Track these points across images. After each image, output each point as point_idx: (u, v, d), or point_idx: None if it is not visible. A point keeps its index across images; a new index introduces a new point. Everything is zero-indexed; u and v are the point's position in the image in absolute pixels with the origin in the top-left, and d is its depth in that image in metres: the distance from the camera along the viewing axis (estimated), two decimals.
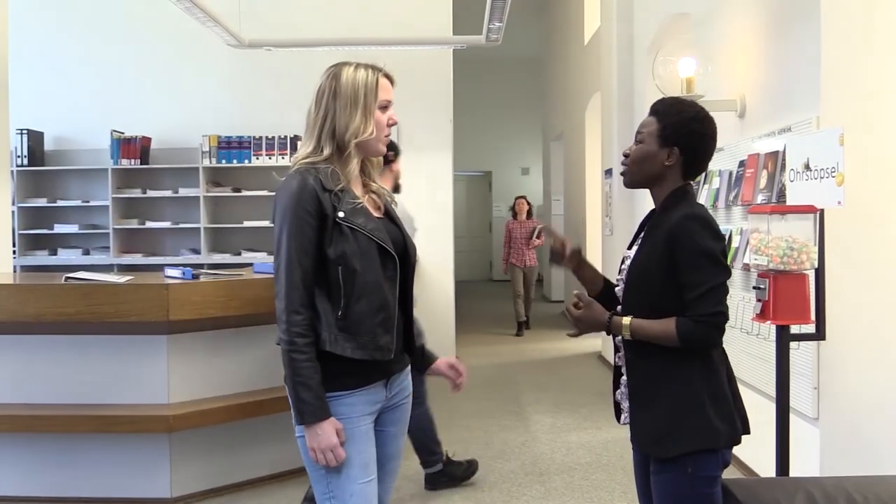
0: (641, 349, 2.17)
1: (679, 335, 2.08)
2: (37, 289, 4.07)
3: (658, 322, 2.12)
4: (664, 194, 2.23)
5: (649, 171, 2.23)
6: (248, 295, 4.15)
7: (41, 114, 7.61)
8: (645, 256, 2.20)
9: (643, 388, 2.19)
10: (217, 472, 4.23)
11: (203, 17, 5.96)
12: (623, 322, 2.16)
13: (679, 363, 2.13)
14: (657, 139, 2.21)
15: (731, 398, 2.17)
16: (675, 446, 2.11)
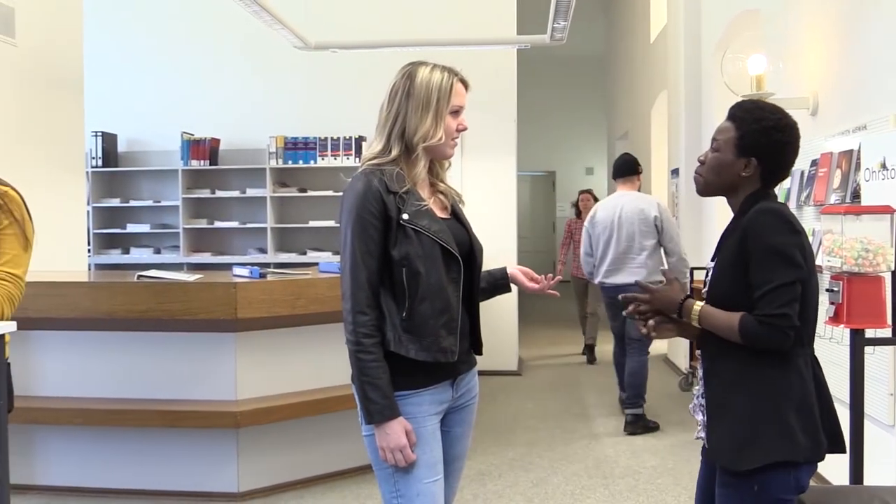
0: (718, 356, 2.08)
1: (740, 331, 1.98)
2: (110, 287, 4.19)
3: (726, 313, 2.03)
4: (739, 202, 2.13)
5: (724, 180, 2.13)
6: (313, 294, 4.20)
7: (115, 116, 7.83)
8: (722, 265, 2.11)
9: (719, 397, 2.08)
10: (283, 468, 4.29)
11: (270, 20, 6.05)
12: (694, 307, 2.09)
13: (757, 369, 2.01)
14: (734, 148, 2.09)
15: (817, 410, 2.02)
16: (749, 458, 1.98)
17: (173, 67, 7.89)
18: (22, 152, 4.82)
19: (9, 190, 2.31)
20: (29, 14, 4.92)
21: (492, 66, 7.26)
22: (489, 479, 4.49)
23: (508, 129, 7.58)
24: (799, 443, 1.97)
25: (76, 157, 5.61)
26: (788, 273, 1.97)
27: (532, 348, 8.67)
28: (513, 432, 5.48)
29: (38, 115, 5.06)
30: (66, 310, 4.07)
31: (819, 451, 2.02)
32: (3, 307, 2.20)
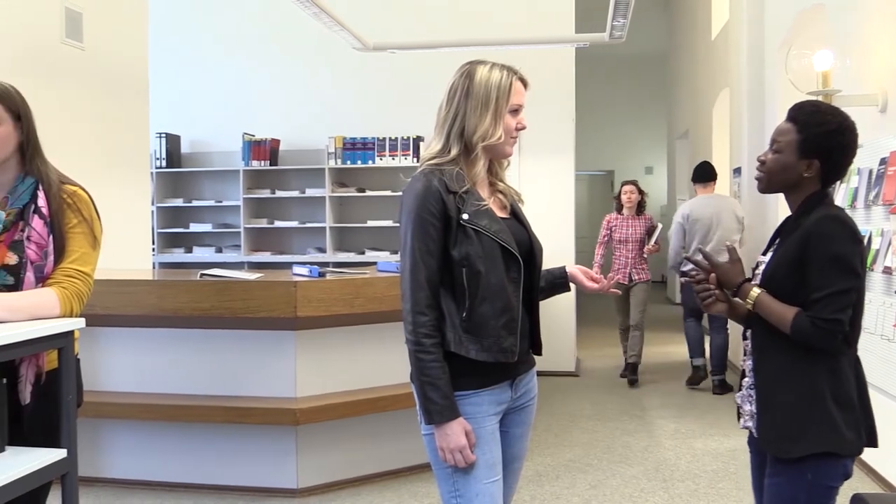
0: (768, 349, 2.14)
1: (792, 327, 2.06)
2: (174, 285, 4.28)
3: (782, 305, 2.09)
4: (800, 200, 2.18)
5: (786, 181, 2.19)
6: (371, 293, 4.23)
7: (178, 118, 7.99)
8: (779, 261, 2.15)
9: (767, 388, 2.15)
10: (341, 466, 4.33)
11: (330, 22, 6.11)
12: (752, 290, 2.15)
13: (806, 365, 2.09)
14: (796, 150, 2.14)
15: (858, 407, 2.11)
16: (798, 446, 2.07)
17: (235, 70, 8.02)
18: (90, 153, 4.96)
19: (77, 190, 2.37)
20: (96, 18, 5.05)
21: (550, 64, 7.21)
22: (546, 480, 4.46)
23: (566, 128, 7.53)
24: (843, 435, 2.06)
25: (141, 157, 5.74)
26: (846, 281, 2.05)
27: (590, 349, 8.60)
28: (570, 433, 5.44)
29: (105, 117, 5.19)
30: (132, 307, 4.17)
31: (860, 445, 2.11)
32: (71, 304, 2.26)
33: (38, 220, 2.27)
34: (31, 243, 2.26)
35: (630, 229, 7.08)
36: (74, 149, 4.74)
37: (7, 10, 4.38)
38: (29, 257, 2.25)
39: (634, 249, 7.02)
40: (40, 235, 2.27)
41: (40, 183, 2.32)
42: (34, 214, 2.27)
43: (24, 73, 4.37)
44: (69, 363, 2.25)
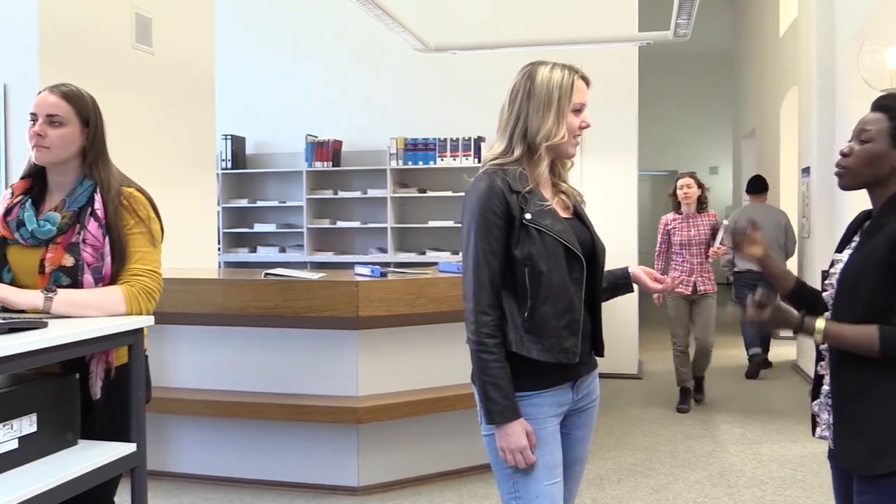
0: (849, 356, 2.00)
1: (882, 345, 1.91)
2: (239, 284, 4.35)
3: (857, 328, 1.94)
4: (886, 196, 2.05)
5: (876, 172, 2.04)
6: (433, 293, 4.24)
7: (243, 120, 8.13)
8: (861, 260, 2.01)
9: (849, 399, 2.01)
10: (402, 465, 4.35)
11: (392, 24, 6.14)
12: (816, 326, 2.00)
13: (891, 373, 1.95)
14: (889, 138, 2.01)
15: None
16: (886, 462, 1.93)
17: (299, 72, 8.13)
18: (158, 155, 5.07)
19: (133, 191, 2.42)
20: (165, 23, 5.16)
21: (613, 63, 7.14)
22: (608, 483, 4.41)
23: (629, 128, 7.44)
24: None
25: (207, 159, 5.85)
26: None
27: (652, 351, 8.48)
28: (632, 436, 5.37)
29: (173, 120, 5.31)
30: (198, 305, 4.25)
31: None
32: (139, 301, 2.31)
33: (94, 223, 2.32)
34: (87, 245, 2.31)
35: (691, 230, 6.01)
36: (145, 151, 4.86)
37: (80, 17, 4.50)
38: (85, 259, 2.30)
39: (699, 254, 5.96)
40: (95, 238, 2.31)
41: (98, 186, 2.37)
42: (90, 217, 2.33)
43: (97, 77, 4.49)
44: (138, 359, 2.30)
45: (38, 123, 2.33)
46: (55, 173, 2.41)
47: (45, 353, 1.95)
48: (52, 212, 2.34)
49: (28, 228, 2.32)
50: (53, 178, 2.41)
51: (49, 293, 2.20)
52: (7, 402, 1.98)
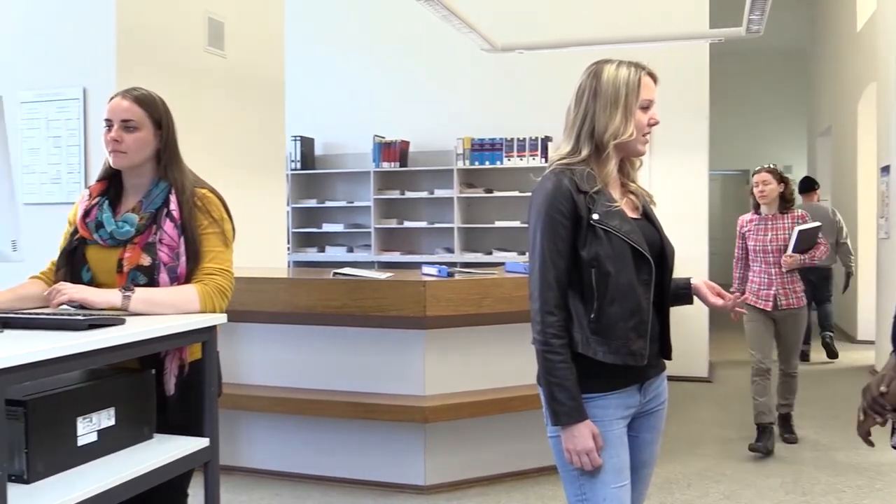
0: None
1: None
2: (308, 283, 4.41)
3: None
4: None
5: None
6: (499, 293, 4.24)
7: (312, 121, 8.25)
8: None
9: None
10: (468, 465, 4.35)
11: (459, 24, 6.15)
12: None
13: None
14: None
15: None
16: None
17: (366, 73, 8.21)
18: (231, 157, 5.17)
19: (206, 192, 2.48)
20: (236, 27, 5.26)
21: (683, 61, 7.03)
22: (677, 488, 4.35)
23: (700, 127, 7.31)
24: None
25: (277, 160, 5.95)
26: None
27: (723, 353, 8.31)
28: (702, 441, 5.28)
29: (244, 122, 5.41)
30: (268, 304, 4.33)
31: None
32: (213, 299, 2.36)
33: (170, 224, 2.38)
34: (163, 245, 2.37)
35: (768, 234, 5.00)
36: (217, 152, 4.97)
37: (155, 22, 4.63)
38: (161, 259, 2.36)
39: (777, 262, 4.98)
40: (171, 238, 2.38)
41: (173, 187, 2.43)
42: (166, 218, 2.39)
43: (171, 80, 4.61)
44: (212, 356, 2.35)
45: (113, 129, 2.40)
46: (131, 176, 2.47)
47: (123, 350, 2.01)
48: (130, 213, 2.41)
49: (107, 229, 2.39)
50: (129, 180, 2.48)
51: (126, 292, 2.27)
52: (87, 396, 2.05)
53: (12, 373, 1.66)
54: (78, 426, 1.99)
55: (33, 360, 1.72)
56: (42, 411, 1.89)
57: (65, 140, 4.42)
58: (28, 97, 4.46)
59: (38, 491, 1.83)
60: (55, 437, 1.93)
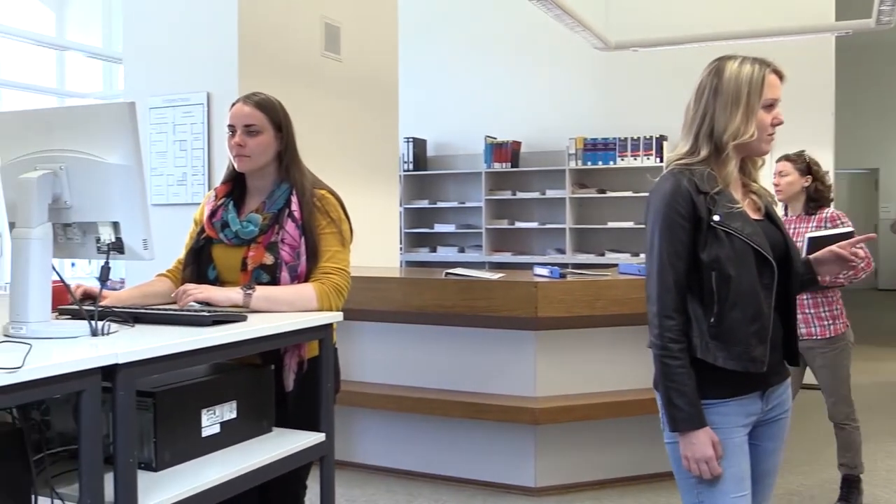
0: None
1: None
2: (420, 283, 4.45)
3: None
4: None
5: None
6: (613, 295, 4.18)
7: (425, 123, 8.34)
8: None
9: None
10: (579, 468, 4.31)
11: (572, 23, 6.10)
12: None
13: None
14: None
15: None
16: None
17: (478, 74, 8.24)
18: (347, 158, 5.28)
19: (325, 193, 2.54)
20: (352, 31, 5.37)
21: (808, 55, 6.75)
22: (800, 500, 4.18)
23: (825, 124, 7.01)
24: None
25: (391, 161, 6.04)
26: None
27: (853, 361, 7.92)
28: (827, 452, 5.03)
29: (359, 124, 5.52)
30: (382, 303, 4.40)
31: None
32: (329, 298, 2.41)
33: (291, 224, 2.45)
34: (285, 245, 2.44)
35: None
36: (333, 154, 5.08)
37: (275, 28, 4.77)
38: (283, 258, 2.43)
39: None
40: (293, 238, 2.44)
41: (294, 189, 2.50)
42: (288, 218, 2.46)
43: (289, 85, 4.74)
44: (328, 353, 2.40)
45: (237, 134, 2.49)
46: (254, 178, 2.56)
47: (245, 345, 2.07)
48: (254, 213, 2.50)
49: (232, 229, 2.48)
50: (253, 182, 2.57)
51: (248, 290, 2.35)
52: (211, 389, 2.12)
53: (142, 365, 1.74)
54: (202, 418, 2.07)
55: (162, 353, 1.79)
56: (169, 403, 1.97)
57: (190, 143, 4.61)
58: (156, 103, 4.67)
59: (165, 479, 1.90)
60: (181, 427, 2.01)
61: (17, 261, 1.88)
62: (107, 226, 1.95)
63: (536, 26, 7.20)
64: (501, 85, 8.16)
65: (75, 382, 1.59)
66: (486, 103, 8.20)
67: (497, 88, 8.18)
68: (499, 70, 8.17)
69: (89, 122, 1.99)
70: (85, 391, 1.61)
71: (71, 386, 1.59)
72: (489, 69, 8.21)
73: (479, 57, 8.24)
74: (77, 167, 1.94)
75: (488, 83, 8.21)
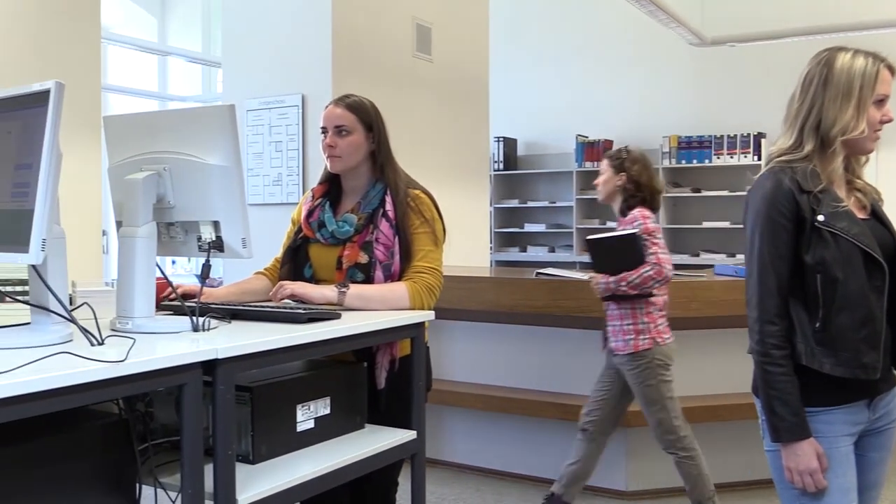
0: None
1: None
2: (511, 282, 4.44)
3: None
4: None
5: None
6: (708, 297, 4.08)
7: (515, 122, 8.31)
8: None
9: None
10: (673, 472, 4.19)
11: (666, 19, 5.99)
12: None
13: None
14: None
15: None
16: None
17: (569, 72, 8.17)
18: (436, 158, 5.31)
19: (419, 193, 2.56)
20: (442, 32, 5.40)
21: None
22: None
23: None
24: None
25: (481, 161, 6.04)
26: None
27: None
28: None
29: (449, 124, 5.54)
30: (472, 302, 4.40)
31: None
32: (421, 296, 2.43)
33: (386, 224, 2.48)
34: (379, 244, 2.46)
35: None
36: (424, 154, 5.11)
37: (367, 29, 4.83)
38: (377, 257, 2.45)
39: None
40: (387, 237, 2.47)
41: (388, 189, 2.52)
42: (382, 218, 2.48)
43: (381, 85, 4.80)
44: (420, 351, 2.42)
45: (328, 136, 2.54)
46: (349, 178, 2.60)
47: (339, 342, 2.10)
48: (350, 213, 2.54)
49: (328, 229, 2.52)
50: (347, 182, 2.61)
51: (342, 288, 2.38)
52: (306, 385, 2.16)
53: (241, 361, 1.79)
54: (297, 413, 2.11)
55: (259, 349, 1.83)
56: (266, 397, 2.02)
57: (285, 144, 4.71)
58: (253, 105, 4.79)
59: (261, 471, 1.95)
60: (277, 422, 2.05)
61: (124, 258, 1.95)
62: (208, 225, 2.00)
63: (628, 22, 7.09)
64: (593, 83, 8.07)
65: (177, 376, 1.65)
66: (577, 101, 8.13)
67: (588, 86, 8.09)
68: (590, 68, 8.08)
69: (191, 125, 2.06)
70: (186, 385, 1.67)
71: (173, 379, 1.65)
72: (580, 67, 8.13)
73: (570, 55, 8.17)
74: (180, 168, 2.00)
75: (579, 81, 8.13)
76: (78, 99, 4.23)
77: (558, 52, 8.24)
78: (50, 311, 1.73)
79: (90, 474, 1.64)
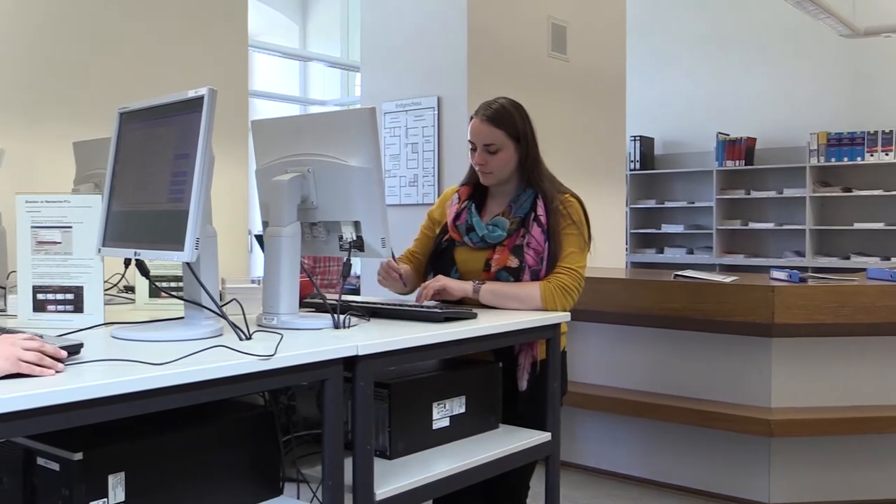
0: None
1: None
2: (648, 284, 4.34)
3: None
4: None
5: None
6: (860, 302, 3.86)
7: (652, 121, 8.14)
8: None
9: None
10: (820, 486, 4.02)
11: (815, 10, 5.72)
12: None
13: None
14: None
15: None
16: None
17: (708, 69, 7.93)
18: (572, 157, 5.27)
19: (568, 196, 2.54)
20: (578, 31, 5.34)
21: None
22: None
23: None
24: None
25: (617, 161, 5.95)
26: None
27: None
28: None
29: (585, 124, 5.48)
30: (607, 304, 4.33)
31: None
32: (555, 297, 2.40)
33: (537, 228, 2.46)
34: (530, 249, 2.45)
35: None
36: (561, 154, 5.06)
37: (503, 30, 4.84)
38: (527, 262, 2.44)
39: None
40: (538, 242, 2.45)
41: (540, 194, 2.51)
42: (534, 223, 2.47)
43: (517, 86, 4.79)
44: (556, 353, 2.40)
45: (477, 153, 2.53)
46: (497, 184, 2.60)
47: (474, 342, 2.12)
48: (501, 217, 2.53)
49: (478, 233, 2.53)
50: (495, 186, 2.61)
51: (477, 283, 2.40)
52: (442, 383, 2.19)
53: (380, 358, 1.83)
54: (433, 411, 2.14)
55: (398, 347, 1.87)
56: (403, 394, 2.05)
57: (421, 146, 4.79)
58: (390, 108, 4.89)
59: (398, 467, 1.98)
60: (414, 418, 2.09)
61: (270, 257, 2.03)
62: (349, 225, 2.06)
63: (772, 15, 6.81)
64: (734, 79, 7.79)
65: (320, 371, 1.70)
66: (718, 98, 7.87)
67: (729, 83, 7.82)
68: (731, 62, 7.81)
69: (334, 128, 2.12)
70: (328, 380, 1.72)
71: (316, 374, 1.70)
72: (720, 62, 7.87)
73: (709, 50, 7.92)
74: (322, 170, 2.07)
75: (719, 77, 7.88)
76: (227, 105, 4.43)
77: (696, 47, 8.01)
78: (203, 306, 1.82)
79: (238, 462, 1.72)
